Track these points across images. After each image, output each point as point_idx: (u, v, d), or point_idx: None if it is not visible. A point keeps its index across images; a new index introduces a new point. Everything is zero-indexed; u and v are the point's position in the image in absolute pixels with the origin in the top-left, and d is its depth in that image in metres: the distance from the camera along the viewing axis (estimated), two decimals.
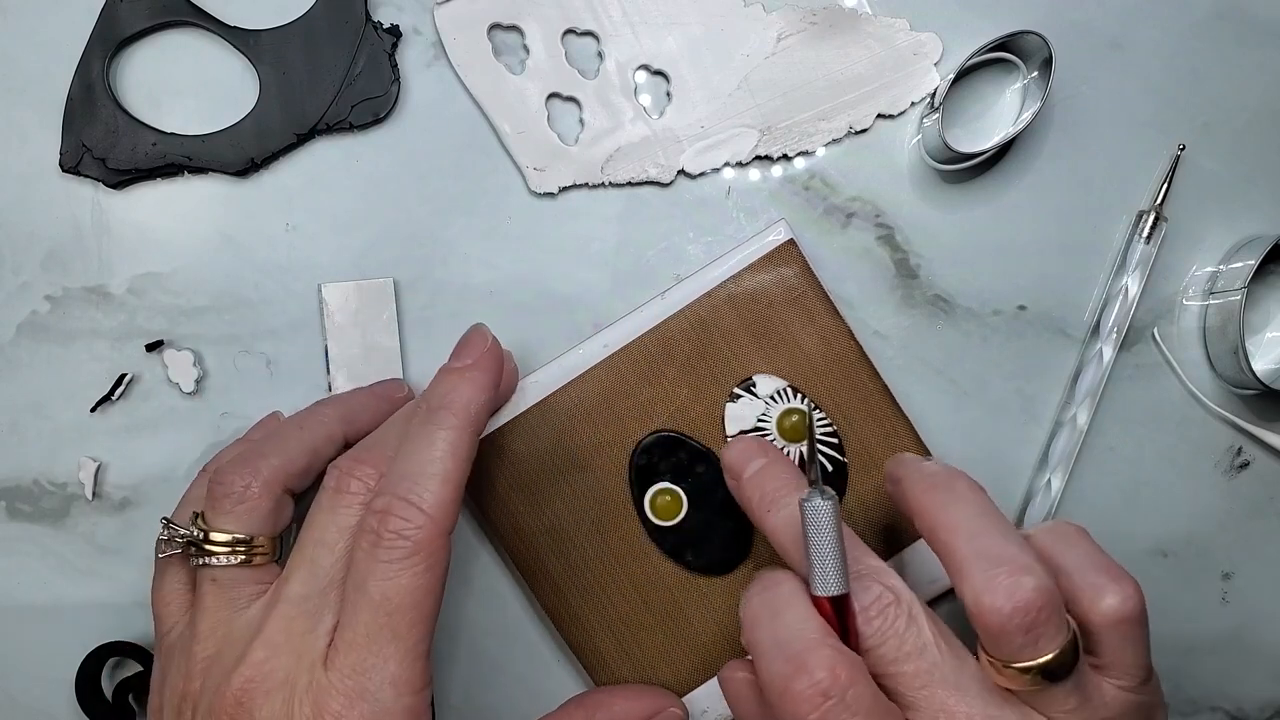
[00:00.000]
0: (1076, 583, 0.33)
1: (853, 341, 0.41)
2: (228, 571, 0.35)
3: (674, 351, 0.41)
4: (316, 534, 0.34)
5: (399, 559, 0.32)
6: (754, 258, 0.41)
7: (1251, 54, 0.44)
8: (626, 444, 0.41)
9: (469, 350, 0.36)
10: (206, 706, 0.33)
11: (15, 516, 0.42)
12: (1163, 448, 0.44)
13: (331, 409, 0.38)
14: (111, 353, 0.42)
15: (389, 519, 0.33)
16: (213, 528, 0.35)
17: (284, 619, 0.33)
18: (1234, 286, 0.42)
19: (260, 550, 0.35)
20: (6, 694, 0.43)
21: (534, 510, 0.41)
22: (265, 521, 0.35)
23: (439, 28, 0.42)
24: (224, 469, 0.36)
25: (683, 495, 0.41)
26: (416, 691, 0.33)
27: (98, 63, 0.41)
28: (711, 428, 0.41)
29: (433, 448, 0.34)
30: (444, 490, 0.33)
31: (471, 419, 0.35)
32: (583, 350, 0.41)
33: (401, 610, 0.32)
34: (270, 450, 0.36)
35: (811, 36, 0.42)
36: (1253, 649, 0.45)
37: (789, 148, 0.43)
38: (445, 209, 0.43)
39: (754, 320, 0.41)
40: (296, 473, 0.36)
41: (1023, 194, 0.43)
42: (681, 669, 0.41)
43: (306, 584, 0.34)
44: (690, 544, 0.41)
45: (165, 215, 0.42)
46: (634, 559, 0.41)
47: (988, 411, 0.44)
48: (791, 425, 0.41)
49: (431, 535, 0.33)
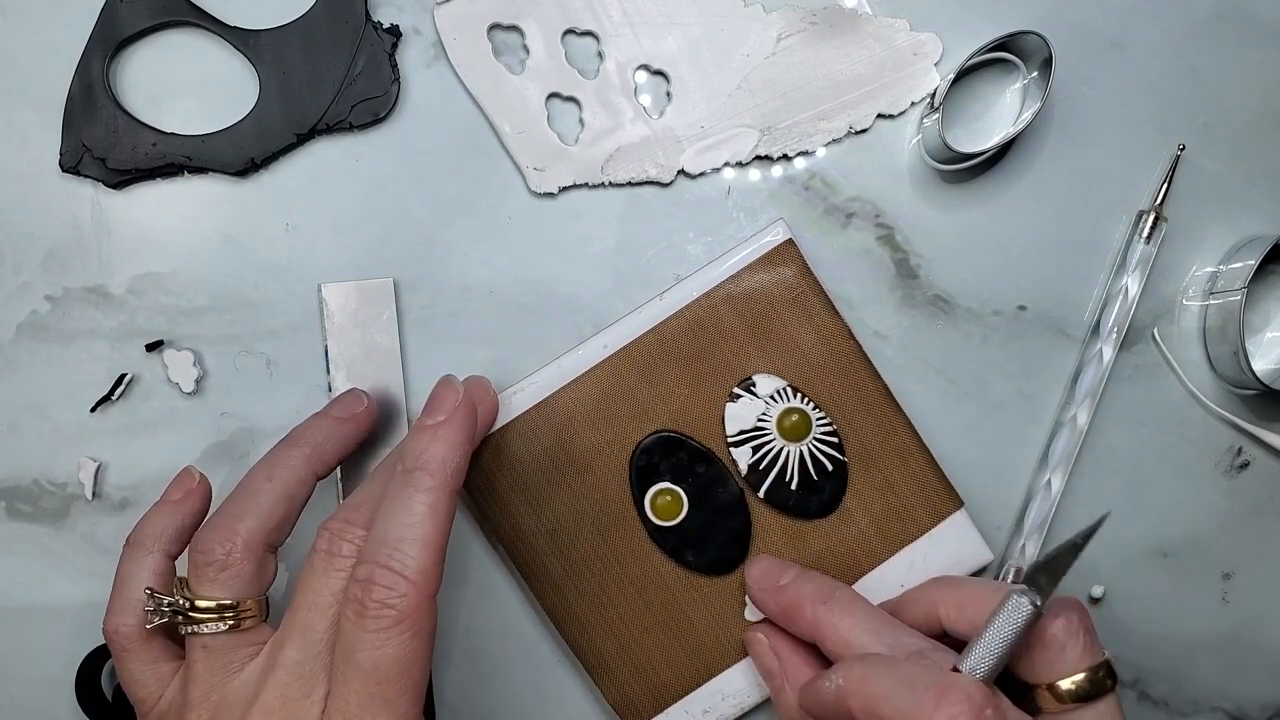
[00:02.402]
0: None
1: (852, 341, 0.41)
2: (218, 638, 0.35)
3: (673, 352, 0.41)
4: (310, 598, 0.34)
5: (386, 628, 0.32)
6: (753, 258, 0.41)
7: (1251, 54, 0.44)
8: (626, 445, 0.41)
9: (440, 406, 0.36)
10: None
11: (15, 516, 0.42)
12: (1163, 448, 0.44)
13: (297, 450, 0.37)
14: (111, 353, 0.42)
15: (373, 588, 0.32)
16: (198, 595, 0.35)
17: (280, 685, 0.33)
18: (1234, 286, 0.42)
19: (248, 614, 0.35)
20: (6, 694, 0.43)
21: (534, 511, 0.41)
22: (250, 585, 0.35)
23: (439, 28, 0.42)
24: (201, 535, 0.35)
25: (683, 495, 0.41)
26: None
27: (98, 63, 0.41)
28: (712, 427, 0.41)
29: (411, 512, 0.33)
30: (425, 555, 0.33)
31: (448, 479, 0.34)
32: (582, 351, 0.41)
33: (392, 679, 0.32)
34: (244, 510, 0.36)
35: (811, 36, 0.42)
36: (1253, 649, 0.45)
37: (789, 148, 0.43)
38: (445, 209, 0.43)
39: (753, 320, 0.41)
40: (274, 528, 0.36)
41: (1023, 194, 0.43)
42: (682, 669, 0.41)
43: (301, 649, 0.34)
44: (691, 544, 0.41)
45: (165, 215, 0.42)
46: (634, 559, 0.41)
47: (988, 411, 0.44)
48: (791, 425, 0.41)
49: (416, 602, 0.32)
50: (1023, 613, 0.33)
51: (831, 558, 0.41)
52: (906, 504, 0.41)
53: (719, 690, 0.41)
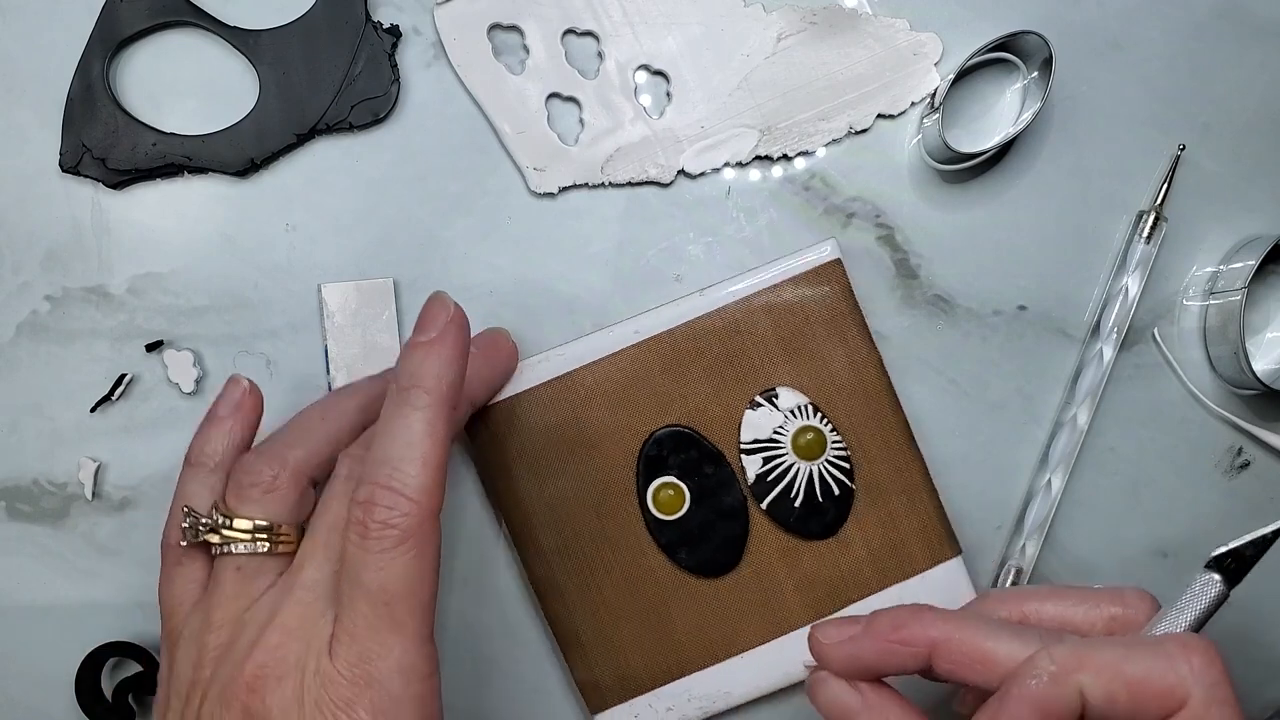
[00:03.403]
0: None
1: (882, 371, 0.41)
2: (252, 560, 0.35)
3: (703, 349, 0.41)
4: (329, 519, 0.34)
5: (389, 548, 0.32)
6: (798, 271, 0.41)
7: (1251, 54, 0.44)
8: (640, 432, 0.41)
9: (432, 322, 0.35)
10: (218, 693, 0.33)
11: (15, 517, 0.42)
12: (1163, 448, 0.44)
13: (351, 399, 0.38)
14: (111, 353, 0.42)
15: (374, 509, 0.32)
16: (237, 514, 0.35)
17: (299, 604, 0.33)
18: (1234, 286, 0.42)
19: (285, 538, 0.35)
20: (6, 694, 0.43)
21: (537, 481, 0.41)
22: (292, 510, 0.35)
23: (439, 28, 0.42)
24: (249, 459, 0.36)
25: (686, 492, 0.41)
26: (425, 678, 0.33)
27: (98, 63, 0.41)
28: (727, 431, 0.41)
29: (409, 430, 0.33)
30: (425, 473, 0.33)
31: (444, 395, 0.34)
32: (613, 332, 0.41)
33: (399, 598, 0.32)
34: (296, 440, 0.36)
35: (811, 36, 0.42)
36: (1253, 649, 0.45)
37: (789, 148, 0.43)
38: (445, 209, 0.43)
39: (787, 332, 0.41)
40: (322, 463, 0.36)
41: (1023, 194, 0.43)
42: (654, 663, 0.41)
43: (321, 569, 0.34)
44: (685, 542, 0.41)
45: (165, 215, 0.42)
46: (627, 546, 0.41)
47: (988, 411, 0.44)
48: (806, 443, 0.41)
49: (419, 520, 0.32)
50: (1211, 591, 0.31)
51: (821, 581, 0.41)
52: (905, 541, 0.41)
53: (686, 690, 0.41)
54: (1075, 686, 0.29)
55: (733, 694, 0.42)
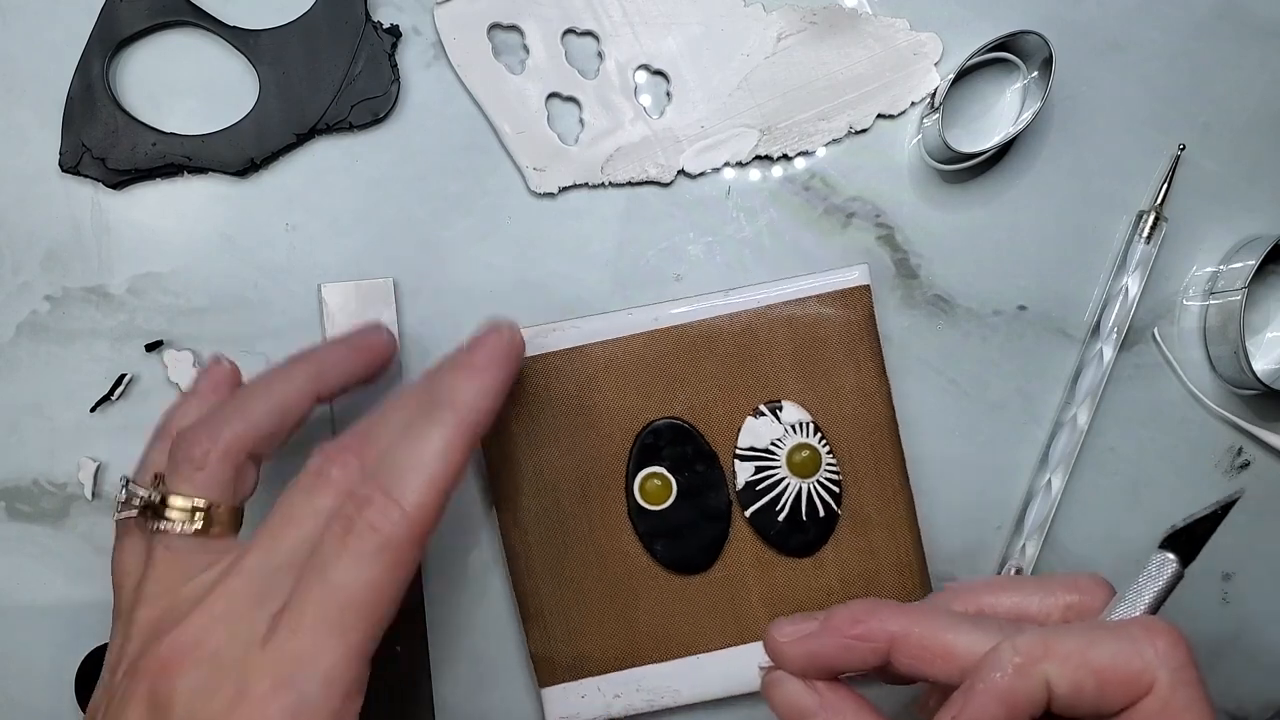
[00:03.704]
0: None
1: (889, 405, 0.41)
2: (184, 540, 0.33)
3: (717, 349, 0.41)
4: (286, 511, 0.33)
5: (367, 551, 0.31)
6: (825, 289, 0.41)
7: (1251, 54, 0.44)
8: (640, 418, 0.41)
9: (486, 351, 0.34)
10: (130, 667, 0.32)
11: (15, 517, 0.42)
12: (1163, 448, 0.44)
13: (302, 367, 0.36)
14: (111, 353, 0.42)
15: (367, 509, 0.31)
16: (171, 491, 0.34)
17: (231, 591, 0.32)
18: (1234, 286, 0.42)
19: (219, 519, 0.34)
20: (6, 694, 0.43)
21: (530, 447, 0.41)
22: (225, 489, 0.34)
23: (439, 28, 0.42)
24: (185, 432, 0.34)
25: (674, 485, 0.41)
26: (348, 696, 0.31)
27: (98, 63, 0.41)
28: (726, 433, 0.41)
29: (427, 444, 0.32)
30: (428, 493, 0.32)
31: (471, 424, 0.33)
32: (633, 315, 0.41)
33: (353, 605, 0.31)
34: (234, 415, 0.35)
35: (811, 36, 0.42)
36: (1253, 649, 0.45)
37: (789, 148, 0.43)
38: (445, 209, 0.43)
39: (803, 348, 0.41)
40: (262, 437, 0.35)
41: (1023, 194, 0.43)
42: (610, 648, 0.41)
43: (263, 559, 0.32)
44: (664, 535, 0.41)
45: (165, 215, 0.42)
46: (606, 529, 0.41)
47: (988, 411, 0.44)
48: (801, 460, 0.41)
49: (406, 535, 0.31)
50: (1167, 570, 0.31)
51: (789, 598, 0.41)
52: (880, 574, 0.41)
53: (637, 681, 0.41)
54: (1041, 677, 0.29)
55: (681, 693, 0.42)
